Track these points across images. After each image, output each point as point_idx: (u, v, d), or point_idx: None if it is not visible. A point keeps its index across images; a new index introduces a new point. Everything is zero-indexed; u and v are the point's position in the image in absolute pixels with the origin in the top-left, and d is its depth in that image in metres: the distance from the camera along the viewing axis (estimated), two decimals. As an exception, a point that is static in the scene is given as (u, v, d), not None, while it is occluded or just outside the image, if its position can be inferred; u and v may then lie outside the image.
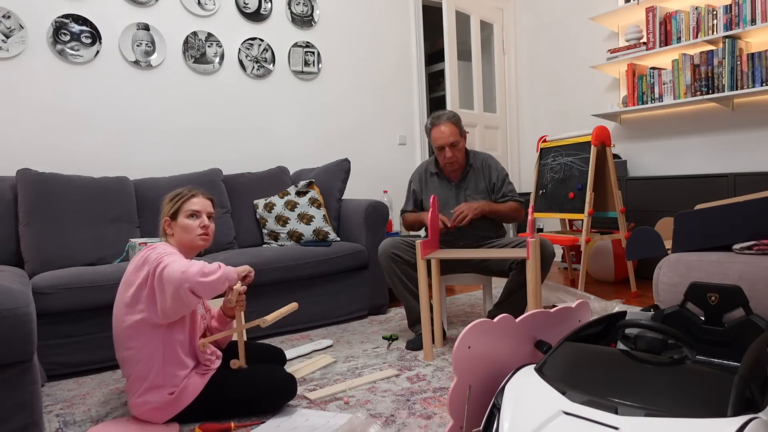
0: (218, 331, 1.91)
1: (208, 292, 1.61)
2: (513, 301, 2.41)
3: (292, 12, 3.73)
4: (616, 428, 0.96)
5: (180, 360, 1.67)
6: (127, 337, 1.65)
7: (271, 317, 1.75)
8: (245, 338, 1.88)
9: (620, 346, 1.47)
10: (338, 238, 3.04)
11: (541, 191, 3.66)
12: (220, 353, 1.90)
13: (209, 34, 3.41)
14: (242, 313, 1.83)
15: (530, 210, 2.15)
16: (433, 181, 2.63)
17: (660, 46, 3.57)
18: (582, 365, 1.15)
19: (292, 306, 1.86)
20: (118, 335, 1.67)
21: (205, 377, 1.70)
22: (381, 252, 2.43)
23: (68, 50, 2.95)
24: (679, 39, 3.50)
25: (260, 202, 3.11)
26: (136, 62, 3.16)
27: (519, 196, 2.57)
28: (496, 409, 1.13)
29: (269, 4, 3.64)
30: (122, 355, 1.67)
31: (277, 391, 1.73)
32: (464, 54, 4.39)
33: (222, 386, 1.70)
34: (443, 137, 2.46)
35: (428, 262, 2.29)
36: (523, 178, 4.83)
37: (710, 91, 3.35)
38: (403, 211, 2.72)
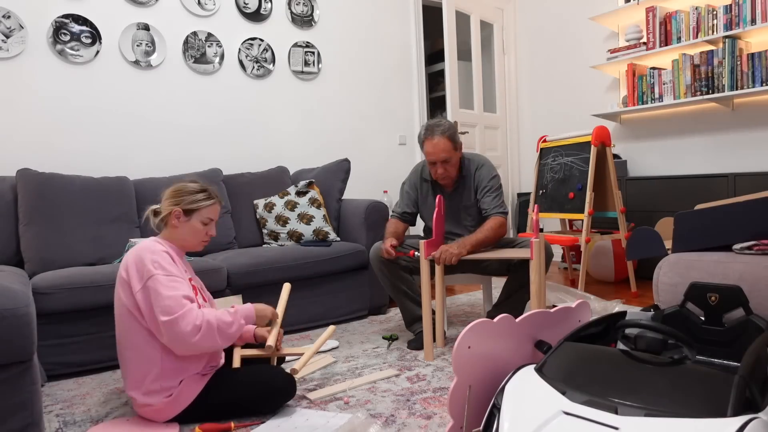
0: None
1: (224, 345, 1.66)
2: (512, 302, 2.41)
3: (292, 12, 3.73)
4: (616, 428, 0.96)
5: (177, 368, 1.66)
6: (125, 337, 1.65)
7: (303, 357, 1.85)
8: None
9: (620, 346, 1.47)
10: (338, 238, 3.04)
11: (541, 191, 3.66)
12: (222, 354, 1.90)
13: (209, 34, 3.41)
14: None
15: (535, 209, 2.15)
16: (426, 188, 2.54)
17: (660, 46, 3.57)
18: (582, 365, 1.15)
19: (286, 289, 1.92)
20: (118, 333, 1.68)
21: (205, 378, 1.70)
22: (372, 255, 2.43)
23: (68, 50, 2.95)
24: (679, 39, 3.50)
25: (260, 202, 3.11)
26: (136, 62, 3.16)
27: (502, 207, 2.38)
28: (496, 409, 1.13)
29: (269, 4, 3.64)
30: (121, 354, 1.68)
31: (276, 391, 1.73)
32: (464, 54, 4.39)
33: (222, 387, 1.70)
34: (435, 153, 2.31)
35: (431, 262, 2.28)
36: (523, 178, 4.83)
37: (710, 91, 3.35)
38: (392, 214, 2.60)
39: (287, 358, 2.28)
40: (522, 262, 2.33)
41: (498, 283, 3.58)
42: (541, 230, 4.44)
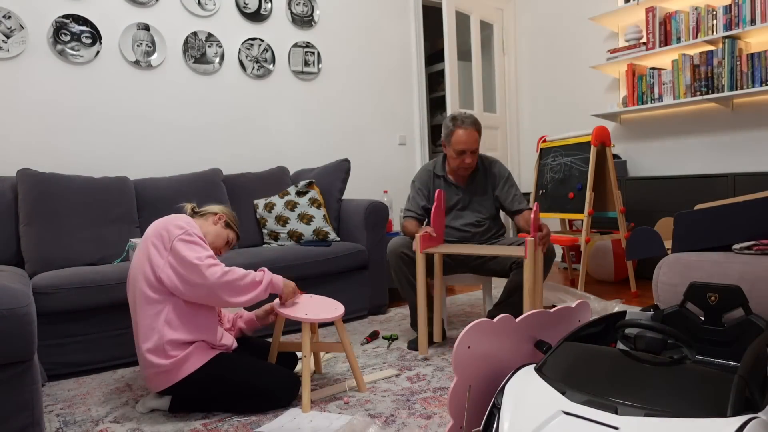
0: (246, 330, 2.07)
1: (242, 301, 1.72)
2: (513, 302, 2.41)
3: (292, 12, 3.73)
4: (616, 428, 0.96)
5: (184, 327, 1.71)
6: (137, 298, 1.72)
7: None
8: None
9: (620, 346, 1.47)
10: (338, 238, 3.04)
11: (541, 191, 3.66)
12: (233, 341, 1.92)
13: (209, 34, 3.41)
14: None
15: (535, 207, 2.15)
16: (439, 183, 2.58)
17: (660, 47, 3.57)
18: (582, 365, 1.15)
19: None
20: (130, 298, 1.77)
21: (212, 352, 1.74)
22: (390, 250, 2.41)
23: (68, 50, 2.95)
24: (678, 39, 3.50)
25: (260, 202, 3.11)
26: (136, 62, 3.16)
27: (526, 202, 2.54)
28: (496, 409, 1.13)
29: (269, 4, 3.64)
30: (133, 313, 1.75)
31: (291, 385, 1.77)
32: (464, 54, 4.39)
33: (226, 368, 1.73)
34: (468, 142, 2.38)
35: (430, 258, 2.27)
36: (523, 178, 4.83)
37: (710, 92, 3.35)
38: (407, 214, 2.57)
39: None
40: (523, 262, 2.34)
41: (498, 283, 3.59)
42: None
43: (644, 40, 3.73)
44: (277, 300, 1.91)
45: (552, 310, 1.43)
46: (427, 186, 2.59)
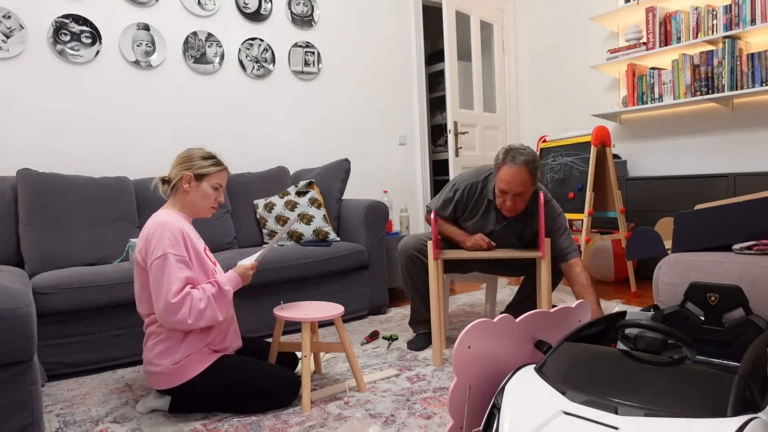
0: None
1: (223, 316, 1.72)
2: (526, 306, 2.40)
3: (292, 12, 3.73)
4: (616, 428, 0.96)
5: (190, 334, 1.72)
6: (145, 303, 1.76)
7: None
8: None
9: (620, 346, 1.47)
10: (338, 238, 3.04)
11: (541, 191, 3.66)
12: (239, 341, 1.92)
13: (209, 34, 3.41)
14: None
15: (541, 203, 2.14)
16: (483, 204, 2.28)
17: (660, 46, 3.57)
18: (582, 365, 1.15)
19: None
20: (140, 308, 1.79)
21: (213, 356, 1.74)
22: (401, 250, 2.36)
23: (68, 50, 2.94)
24: (679, 39, 3.50)
25: (260, 202, 3.11)
26: (136, 62, 3.16)
27: (576, 248, 2.25)
28: (496, 409, 1.13)
29: (269, 4, 3.64)
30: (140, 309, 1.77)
31: (291, 386, 1.78)
32: (464, 54, 4.39)
33: (228, 370, 1.73)
34: (510, 183, 2.05)
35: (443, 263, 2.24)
36: (523, 178, 4.83)
37: (710, 91, 3.35)
38: (431, 209, 2.33)
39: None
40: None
41: (502, 283, 3.58)
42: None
43: (644, 40, 3.73)
44: (277, 307, 1.92)
45: (552, 310, 1.43)
46: (466, 206, 2.30)
